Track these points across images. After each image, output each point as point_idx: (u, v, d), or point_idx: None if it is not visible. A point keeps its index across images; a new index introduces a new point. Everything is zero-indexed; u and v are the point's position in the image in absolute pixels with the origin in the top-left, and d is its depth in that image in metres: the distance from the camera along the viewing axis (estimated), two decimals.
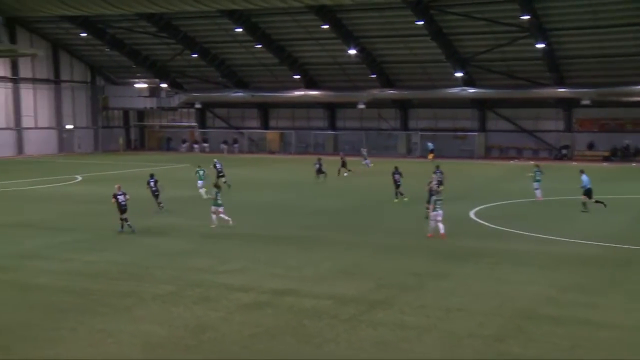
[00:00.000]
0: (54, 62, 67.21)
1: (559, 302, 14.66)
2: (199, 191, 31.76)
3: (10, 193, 34.45)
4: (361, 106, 63.55)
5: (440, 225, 21.81)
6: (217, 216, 24.05)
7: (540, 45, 52.20)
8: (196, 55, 64.14)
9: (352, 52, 58.01)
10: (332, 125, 69.47)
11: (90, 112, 71.36)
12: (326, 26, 55.62)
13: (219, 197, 24.31)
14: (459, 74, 58.38)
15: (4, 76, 63.24)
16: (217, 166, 36.26)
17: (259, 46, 60.98)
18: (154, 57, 67.57)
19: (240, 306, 14.21)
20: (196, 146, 70.94)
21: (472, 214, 27.15)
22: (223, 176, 35.16)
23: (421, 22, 52.28)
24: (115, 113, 74.74)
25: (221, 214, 24.09)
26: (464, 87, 59.65)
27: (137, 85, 70.78)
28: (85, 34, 62.79)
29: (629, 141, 57.82)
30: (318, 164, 40.05)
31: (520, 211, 28.36)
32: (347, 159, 44.88)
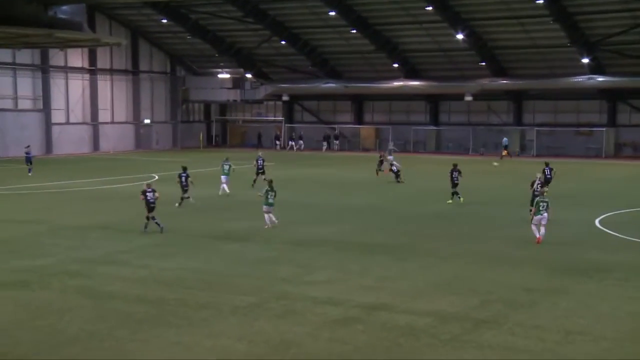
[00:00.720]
0: (132, 52, 69.68)
1: None
2: (221, 187, 33.38)
3: (85, 193, 35.95)
4: (468, 98, 62.75)
5: (542, 229, 22.05)
6: (269, 216, 24.86)
7: None
8: (284, 43, 65.10)
9: (460, 36, 57.40)
10: (435, 120, 68.90)
11: (169, 105, 73.75)
12: (430, 8, 55.24)
13: (270, 195, 24.92)
14: (585, 60, 56.71)
15: (82, 67, 65.89)
16: (258, 161, 37.28)
17: (353, 31, 61.21)
18: (238, 45, 69.01)
19: (328, 321, 14.25)
20: (292, 143, 71.34)
21: (597, 222, 26.45)
22: (263, 173, 36.41)
23: (541, 1, 51.10)
24: (196, 106, 76.86)
25: (270, 214, 24.86)
26: (591, 75, 58.00)
27: (220, 76, 72.52)
28: (166, 20, 64.85)
29: None
30: (390, 159, 41.17)
31: None
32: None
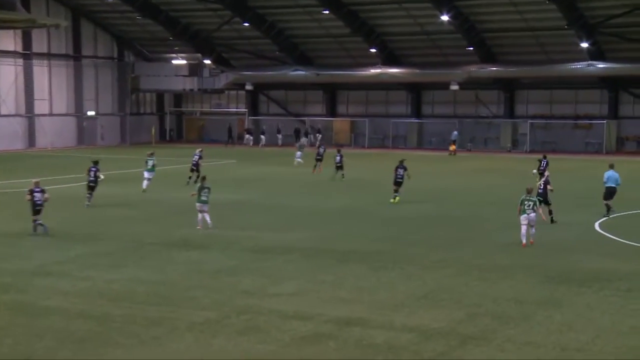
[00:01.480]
0: (73, 34, 68.84)
1: None
2: (142, 184, 35.27)
3: (18, 195, 35.56)
4: (454, 87, 63.17)
5: (532, 230, 22.90)
6: (202, 216, 25.58)
7: None
8: (247, 25, 64.95)
9: (445, 18, 57.69)
10: (417, 112, 69.24)
11: (116, 95, 73.17)
12: None
13: (204, 193, 25.59)
14: (584, 44, 57.34)
15: (14, 51, 64.85)
16: (194, 157, 39.33)
17: (326, 12, 61.36)
18: (195, 27, 68.78)
19: (296, 338, 14.28)
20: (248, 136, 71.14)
21: (597, 226, 26.73)
22: (196, 171, 37.93)
23: None
24: (147, 96, 76.44)
25: (205, 214, 25.50)
26: (590, 62, 58.66)
27: (175, 62, 72.22)
28: None
29: None
30: (339, 155, 41.23)
31: None
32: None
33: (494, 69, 62.24)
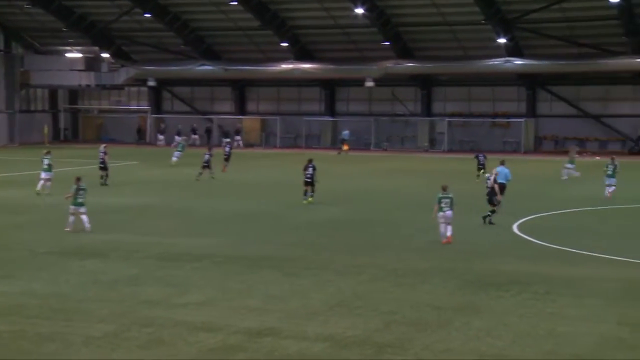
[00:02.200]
0: None
1: (631, 345, 14.68)
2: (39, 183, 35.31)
3: None
4: (369, 84, 63.71)
5: (449, 228, 23.97)
6: (75, 218, 25.82)
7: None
8: (149, 16, 64.23)
9: (359, 11, 58.14)
10: (331, 110, 69.63)
11: (4, 90, 71.17)
12: None
13: (80, 194, 25.83)
14: (501, 40, 58.52)
15: None
16: (99, 154, 39.71)
17: (234, 3, 61.11)
18: (91, 18, 67.68)
19: (203, 351, 14.18)
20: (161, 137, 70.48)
21: (515, 227, 27.21)
22: (105, 169, 38.79)
23: None
24: (39, 92, 74.84)
25: (82, 216, 25.77)
26: (508, 58, 59.90)
27: (69, 56, 70.85)
28: None
29: None
30: (208, 154, 42.38)
31: (581, 223, 28.43)
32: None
33: (411, 64, 63.01)
